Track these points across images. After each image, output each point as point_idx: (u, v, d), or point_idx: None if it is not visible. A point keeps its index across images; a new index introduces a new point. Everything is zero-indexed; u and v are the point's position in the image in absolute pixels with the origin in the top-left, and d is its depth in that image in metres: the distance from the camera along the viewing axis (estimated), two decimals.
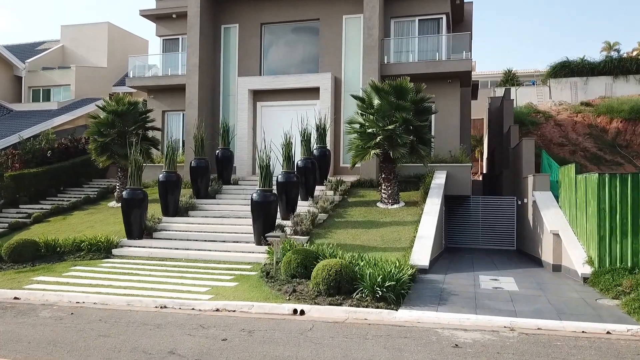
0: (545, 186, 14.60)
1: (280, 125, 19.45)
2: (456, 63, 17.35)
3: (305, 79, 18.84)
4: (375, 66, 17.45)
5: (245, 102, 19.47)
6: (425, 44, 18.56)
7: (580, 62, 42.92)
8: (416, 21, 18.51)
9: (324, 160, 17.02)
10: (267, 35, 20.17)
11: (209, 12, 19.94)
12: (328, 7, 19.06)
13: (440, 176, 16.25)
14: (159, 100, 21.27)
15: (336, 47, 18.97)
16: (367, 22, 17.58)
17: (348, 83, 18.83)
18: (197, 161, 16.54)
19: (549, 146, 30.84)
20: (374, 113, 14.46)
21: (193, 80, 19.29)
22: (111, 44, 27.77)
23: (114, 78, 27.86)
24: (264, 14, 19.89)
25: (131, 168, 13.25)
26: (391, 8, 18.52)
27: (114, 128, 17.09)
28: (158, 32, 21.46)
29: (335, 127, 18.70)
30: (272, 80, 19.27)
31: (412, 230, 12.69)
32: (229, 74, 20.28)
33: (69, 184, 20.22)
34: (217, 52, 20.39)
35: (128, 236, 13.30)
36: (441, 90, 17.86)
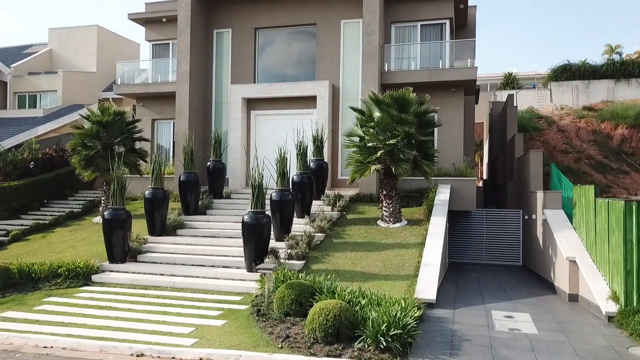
0: (557, 204, 13.71)
1: (275, 134, 18.57)
2: (461, 71, 16.44)
3: (301, 87, 17.91)
4: (375, 74, 16.53)
5: (238, 110, 18.51)
6: (427, 50, 17.65)
7: (581, 65, 42.20)
8: (418, 26, 17.60)
9: (321, 173, 16.10)
10: (261, 41, 19.22)
11: (200, 16, 18.99)
12: (325, 12, 18.13)
13: (444, 191, 15.34)
14: (148, 108, 20.30)
15: (334, 53, 18.05)
16: (366, 27, 16.65)
17: (346, 91, 17.92)
18: (186, 175, 15.59)
19: (552, 153, 30.00)
20: (375, 126, 13.54)
21: (183, 88, 18.33)
22: (101, 47, 26.77)
23: (103, 83, 26.87)
24: (258, 18, 18.95)
25: (113, 186, 12.29)
26: (392, 13, 17.60)
27: (99, 139, 16.13)
28: (147, 37, 20.49)
29: (333, 137, 17.79)
30: (266, 88, 18.32)
31: (416, 254, 11.78)
32: (222, 81, 19.33)
33: (53, 196, 19.24)
34: (209, 58, 19.43)
35: (110, 260, 12.34)
36: (445, 99, 16.97)
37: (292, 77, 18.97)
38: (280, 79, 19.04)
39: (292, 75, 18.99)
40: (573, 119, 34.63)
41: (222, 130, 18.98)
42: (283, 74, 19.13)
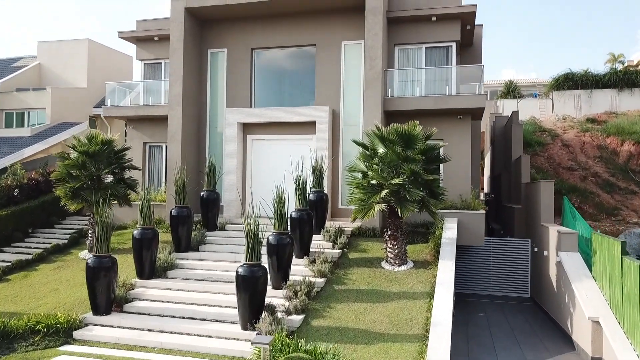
0: (573, 246, 12.86)
1: (272, 159, 17.73)
2: (468, 99, 15.59)
3: (299, 113, 17.02)
4: (378, 101, 15.65)
5: (233, 135, 17.61)
6: (432, 74, 16.79)
7: (583, 74, 41.53)
8: (423, 49, 16.73)
9: (320, 205, 15.23)
10: (258, 62, 18.32)
11: (194, 35, 18.08)
12: (325, 32, 17.24)
13: (451, 226, 14.49)
14: (139, 130, 19.38)
15: (334, 76, 17.17)
16: (368, 51, 15.77)
17: (347, 115, 17.04)
18: (178, 210, 14.68)
19: (557, 170, 29.21)
20: (379, 162, 12.66)
21: (176, 112, 17.42)
22: (91, 61, 25.82)
23: (94, 98, 25.92)
24: (254, 38, 18.04)
25: (98, 231, 11.37)
26: (395, 35, 16.73)
27: (85, 170, 15.19)
28: (139, 56, 19.57)
29: (333, 164, 16.92)
30: (263, 112, 17.42)
31: (425, 306, 10.91)
32: (217, 104, 18.42)
33: (39, 224, 18.31)
34: (203, 79, 18.52)
35: (94, 311, 11.41)
36: (451, 127, 16.13)
37: (290, 100, 18.12)
38: (278, 102, 18.17)
39: (291, 98, 18.14)
40: (577, 133, 33.88)
41: (217, 154, 18.11)
42: (281, 96, 18.27)
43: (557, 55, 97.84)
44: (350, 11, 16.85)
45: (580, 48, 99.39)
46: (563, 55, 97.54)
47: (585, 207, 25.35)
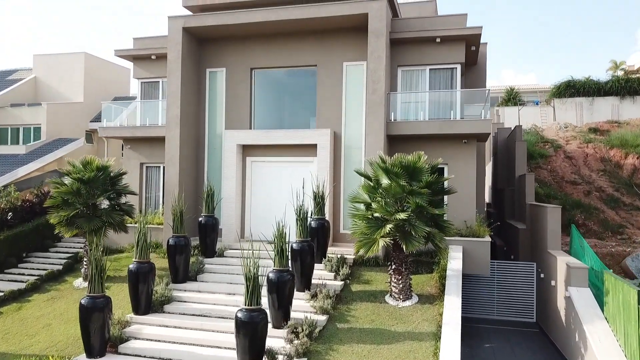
0: (584, 282, 12.47)
1: (272, 181, 17.35)
2: (474, 124, 15.19)
3: (300, 135, 16.62)
4: (381, 125, 15.25)
5: (233, 157, 17.20)
6: (437, 95, 16.39)
7: (585, 81, 41.27)
8: (427, 70, 16.33)
9: (322, 232, 14.83)
10: (258, 82, 17.91)
11: (192, 55, 17.66)
12: (326, 53, 16.84)
13: (456, 255, 14.11)
14: (136, 151, 18.96)
15: (336, 97, 16.76)
16: (371, 74, 15.36)
17: (349, 139, 16.63)
18: (175, 239, 14.27)
19: (561, 184, 28.84)
20: (382, 194, 12.26)
21: (174, 134, 17.00)
22: (88, 75, 25.39)
23: (91, 113, 25.50)
24: (254, 58, 17.63)
25: (91, 270, 10.94)
26: (399, 57, 16.34)
27: (80, 197, 14.78)
28: (136, 74, 19.15)
29: (335, 187, 16.51)
30: (263, 134, 17.02)
31: (432, 349, 10.50)
32: (215, 125, 18.00)
33: (33, 248, 17.89)
34: (201, 99, 18.10)
35: (87, 353, 10.96)
36: (455, 151, 15.74)
37: (290, 121, 17.74)
38: (278, 123, 17.79)
39: (291, 119, 17.77)
40: (580, 144, 33.54)
41: (216, 176, 17.70)
42: (281, 117, 17.88)
43: (557, 55, 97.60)
44: (351, 31, 16.46)
45: (580, 48, 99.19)
46: (563, 55, 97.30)
47: (589, 224, 24.97)
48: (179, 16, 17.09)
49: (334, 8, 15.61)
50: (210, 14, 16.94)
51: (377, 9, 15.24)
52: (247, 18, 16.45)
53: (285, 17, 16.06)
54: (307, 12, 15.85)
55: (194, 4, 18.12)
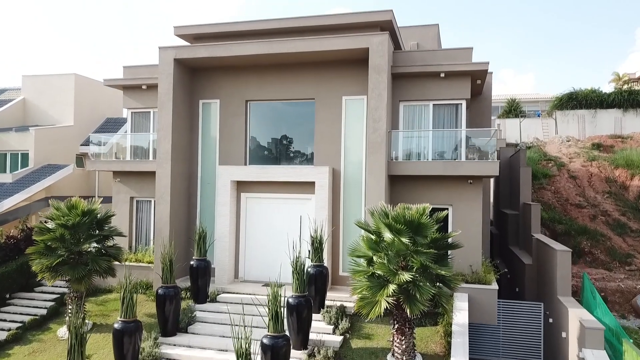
0: (599, 343, 11.71)
1: (268, 219, 16.59)
2: (480, 166, 14.43)
3: (298, 172, 15.84)
4: (382, 165, 14.47)
5: (227, 194, 16.42)
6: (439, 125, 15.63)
7: (588, 93, 40.59)
8: (430, 106, 15.55)
9: (321, 279, 14.09)
10: (253, 114, 17.12)
11: (184, 86, 16.86)
12: (325, 86, 16.06)
13: (462, 306, 13.38)
14: (126, 184, 18.15)
15: (334, 132, 15.98)
16: (372, 112, 14.58)
17: (349, 175, 15.85)
18: (164, 290, 13.49)
19: (566, 207, 28.12)
20: (385, 251, 11.48)
21: (164, 171, 16.19)
22: (79, 97, 24.57)
23: (82, 136, 24.68)
24: (249, 89, 16.84)
25: (71, 340, 10.14)
26: (401, 92, 15.56)
27: (64, 243, 13.98)
28: (126, 104, 18.34)
29: (334, 225, 15.74)
30: (259, 171, 16.23)
31: None
32: (209, 159, 17.19)
33: (17, 289, 17.07)
34: (194, 132, 17.30)
35: None
36: (460, 192, 14.98)
37: (287, 156, 16.95)
38: (274, 158, 17.01)
39: (288, 154, 16.97)
40: (584, 162, 32.83)
41: (209, 212, 16.93)
42: (278, 151, 17.09)
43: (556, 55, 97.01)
44: (351, 64, 15.68)
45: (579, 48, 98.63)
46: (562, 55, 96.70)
47: (596, 252, 24.26)
48: (170, 47, 16.29)
49: (333, 42, 14.83)
50: (203, 46, 16.15)
51: (378, 44, 14.47)
52: (241, 50, 15.67)
53: (281, 51, 15.29)
54: (304, 45, 15.08)
55: (187, 33, 17.34)
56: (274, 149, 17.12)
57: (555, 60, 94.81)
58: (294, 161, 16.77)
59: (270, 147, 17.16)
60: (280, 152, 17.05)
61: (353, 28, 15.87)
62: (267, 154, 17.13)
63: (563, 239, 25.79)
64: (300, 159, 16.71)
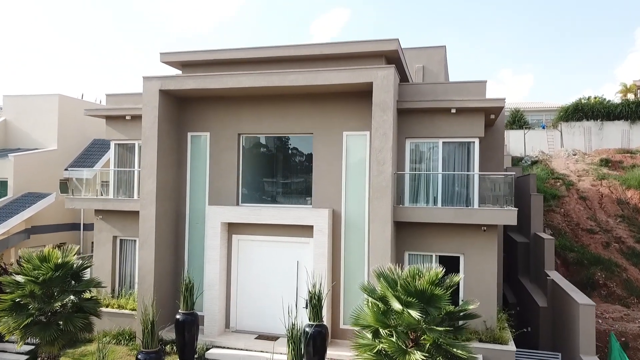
0: None
1: (262, 263, 15.30)
2: (495, 214, 13.07)
3: (294, 215, 14.47)
4: (387, 211, 13.11)
5: (216, 238, 15.05)
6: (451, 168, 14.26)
7: (594, 104, 39.44)
8: (439, 144, 14.19)
9: (319, 338, 12.67)
10: (247, 148, 15.76)
11: (171, 117, 15.49)
12: (324, 121, 14.70)
13: None
14: (108, 222, 16.77)
15: (335, 170, 14.62)
16: (376, 153, 13.22)
17: (350, 217, 14.49)
18: (145, 355, 12.11)
19: (577, 233, 26.78)
20: (394, 324, 10.11)
21: (149, 212, 14.81)
22: (63, 118, 23.18)
23: (66, 160, 23.29)
24: (242, 122, 15.48)
25: None
26: (407, 128, 14.21)
27: (34, 299, 12.59)
28: (109, 135, 16.94)
29: (334, 270, 14.39)
30: (252, 212, 14.86)
31: None
32: (198, 197, 15.80)
33: None
34: (182, 168, 15.91)
35: None
36: (473, 239, 13.64)
37: (284, 195, 15.58)
38: (269, 196, 15.63)
39: (285, 193, 15.60)
40: (594, 181, 31.55)
41: (198, 256, 15.56)
42: (273, 189, 15.72)
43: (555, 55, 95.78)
44: (353, 97, 14.33)
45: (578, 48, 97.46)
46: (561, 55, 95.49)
47: (611, 285, 22.91)
48: (155, 77, 14.91)
49: (333, 75, 13.47)
50: (191, 76, 14.76)
51: (383, 78, 13.10)
52: (233, 82, 14.30)
53: (278, 84, 13.93)
54: (302, 78, 13.71)
55: (174, 60, 15.97)
56: (269, 186, 15.75)
57: (554, 61, 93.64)
58: (290, 200, 15.40)
59: (265, 185, 15.79)
60: (276, 190, 15.68)
61: (355, 58, 14.52)
62: (262, 191, 15.76)
63: (575, 268, 24.50)
64: (297, 198, 15.33)
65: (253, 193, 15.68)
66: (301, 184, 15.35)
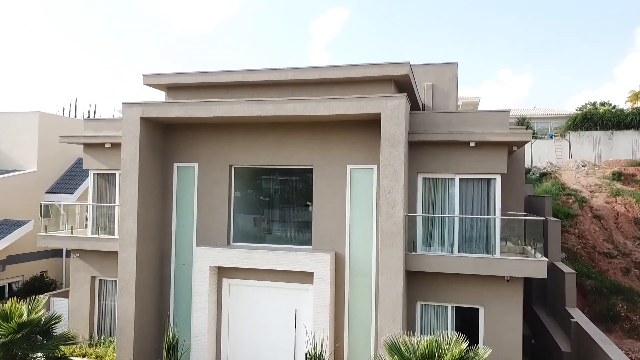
0: None
1: (255, 311, 13.63)
2: (522, 266, 11.43)
3: (292, 259, 12.85)
4: (398, 261, 11.48)
5: (205, 283, 13.43)
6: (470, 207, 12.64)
7: (603, 113, 38.06)
8: (456, 180, 12.55)
9: None
10: (239, 182, 14.12)
11: (154, 146, 13.87)
12: (326, 152, 13.07)
13: None
14: (86, 261, 15.14)
15: (337, 208, 13.00)
16: (385, 194, 11.58)
17: (355, 262, 12.87)
18: None
19: (593, 257, 25.15)
20: None
21: (128, 255, 13.17)
22: (44, 137, 21.52)
23: (47, 181, 21.66)
24: (234, 152, 13.86)
25: None
26: (419, 162, 12.58)
27: None
28: (87, 164, 15.29)
29: (337, 320, 12.77)
30: (244, 256, 13.22)
31: None
32: (185, 235, 14.17)
33: None
34: (167, 201, 14.28)
35: None
36: (495, 290, 12.02)
37: (280, 234, 13.95)
38: (264, 236, 14.01)
39: (282, 232, 13.97)
40: (607, 197, 29.91)
41: (185, 300, 13.93)
42: (268, 228, 14.09)
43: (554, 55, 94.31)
44: (358, 126, 12.73)
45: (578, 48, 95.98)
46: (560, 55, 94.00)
47: (634, 317, 21.28)
48: (136, 103, 13.28)
49: (336, 105, 11.84)
50: (178, 103, 13.13)
51: (393, 109, 11.48)
52: (223, 110, 12.67)
53: (273, 114, 12.30)
54: (301, 107, 12.08)
55: (159, 83, 14.34)
56: (264, 224, 14.12)
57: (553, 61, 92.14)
58: (288, 239, 13.76)
59: (260, 222, 14.16)
60: (272, 228, 14.05)
61: (361, 82, 12.90)
62: (256, 229, 14.13)
63: (594, 298, 22.89)
64: (296, 237, 13.70)
65: (246, 231, 14.05)
66: (300, 222, 13.72)
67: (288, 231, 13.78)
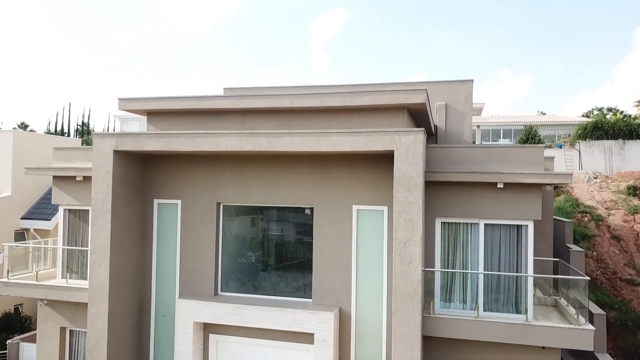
0: None
1: None
2: (562, 336, 9.61)
3: (289, 317, 11.01)
4: (415, 326, 9.67)
5: (189, 342, 11.59)
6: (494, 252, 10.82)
7: (615, 122, 36.52)
8: (480, 225, 10.73)
9: None
10: (228, 223, 12.28)
11: (131, 182, 12.03)
12: (328, 191, 11.25)
13: None
14: (55, 309, 13.30)
15: (342, 255, 11.18)
16: (399, 247, 9.76)
17: (362, 320, 11.05)
18: None
19: (614, 283, 23.34)
20: None
21: (99, 310, 11.33)
22: (19, 158, 19.72)
23: (23, 206, 19.86)
24: (223, 189, 12.03)
25: None
26: (437, 205, 10.76)
27: None
28: (56, 199, 13.45)
29: None
30: (233, 311, 11.38)
31: None
32: (167, 282, 12.35)
33: None
34: (146, 243, 12.45)
35: None
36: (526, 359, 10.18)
37: (277, 283, 12.12)
38: (256, 285, 12.17)
39: (278, 282, 12.13)
40: (625, 216, 28.12)
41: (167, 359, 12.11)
42: (262, 276, 12.26)
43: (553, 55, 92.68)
44: (366, 161, 10.91)
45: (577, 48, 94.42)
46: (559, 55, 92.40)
47: None
48: (109, 134, 11.46)
49: (341, 140, 10.02)
50: (157, 134, 11.28)
51: (409, 146, 9.65)
52: (209, 144, 10.85)
53: (266, 149, 10.48)
54: (299, 142, 10.26)
55: (137, 108, 12.51)
56: (257, 271, 12.28)
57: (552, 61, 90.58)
58: (285, 290, 11.92)
59: (252, 269, 12.32)
60: (266, 276, 12.22)
61: (369, 110, 11.09)
62: (247, 277, 12.29)
63: (618, 332, 21.10)
64: (294, 287, 11.86)
65: (236, 279, 12.21)
66: (299, 271, 11.89)
67: (285, 279, 11.95)
